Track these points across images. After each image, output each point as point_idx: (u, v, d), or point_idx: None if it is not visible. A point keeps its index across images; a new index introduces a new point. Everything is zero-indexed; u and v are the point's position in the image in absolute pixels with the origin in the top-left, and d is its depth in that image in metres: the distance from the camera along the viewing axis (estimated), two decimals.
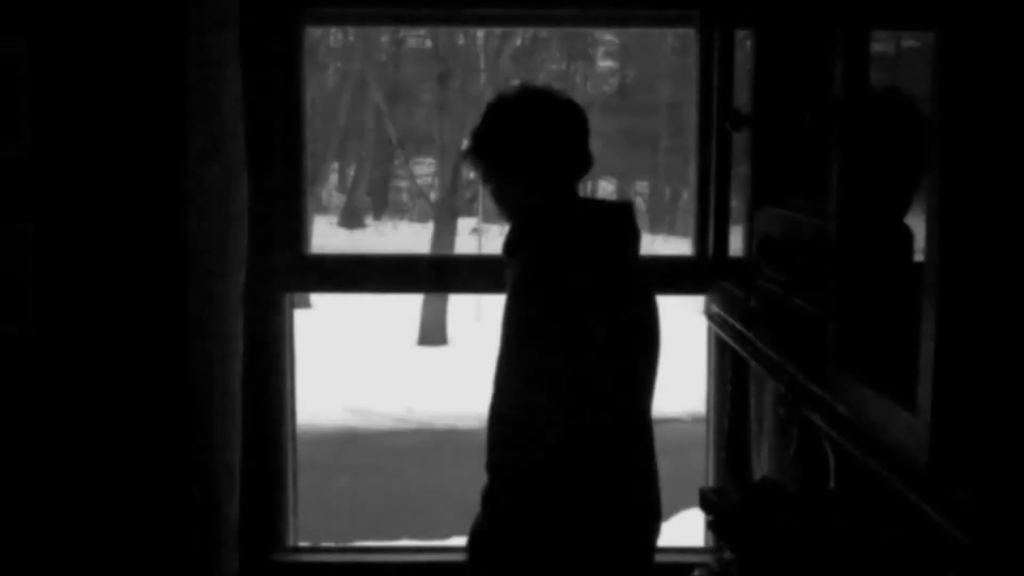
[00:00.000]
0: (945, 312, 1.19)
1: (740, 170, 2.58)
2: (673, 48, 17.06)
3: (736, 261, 2.44)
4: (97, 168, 2.77)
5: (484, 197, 15.79)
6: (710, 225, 2.76)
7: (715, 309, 2.70)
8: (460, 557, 3.09)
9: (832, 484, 2.17)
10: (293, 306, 3.07)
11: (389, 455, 8.50)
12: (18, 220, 2.77)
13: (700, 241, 2.94)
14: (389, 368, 12.72)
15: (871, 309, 1.55)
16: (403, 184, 18.54)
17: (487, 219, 16.20)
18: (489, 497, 2.26)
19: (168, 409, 2.79)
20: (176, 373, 2.75)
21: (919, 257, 1.29)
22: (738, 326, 2.17)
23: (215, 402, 2.75)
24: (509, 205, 2.36)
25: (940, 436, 1.21)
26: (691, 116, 3.03)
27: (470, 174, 15.47)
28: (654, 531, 2.38)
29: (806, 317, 1.77)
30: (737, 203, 2.64)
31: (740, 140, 2.50)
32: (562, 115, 2.31)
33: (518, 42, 16.27)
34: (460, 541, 3.33)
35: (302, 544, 3.12)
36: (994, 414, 1.20)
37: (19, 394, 2.78)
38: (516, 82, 2.49)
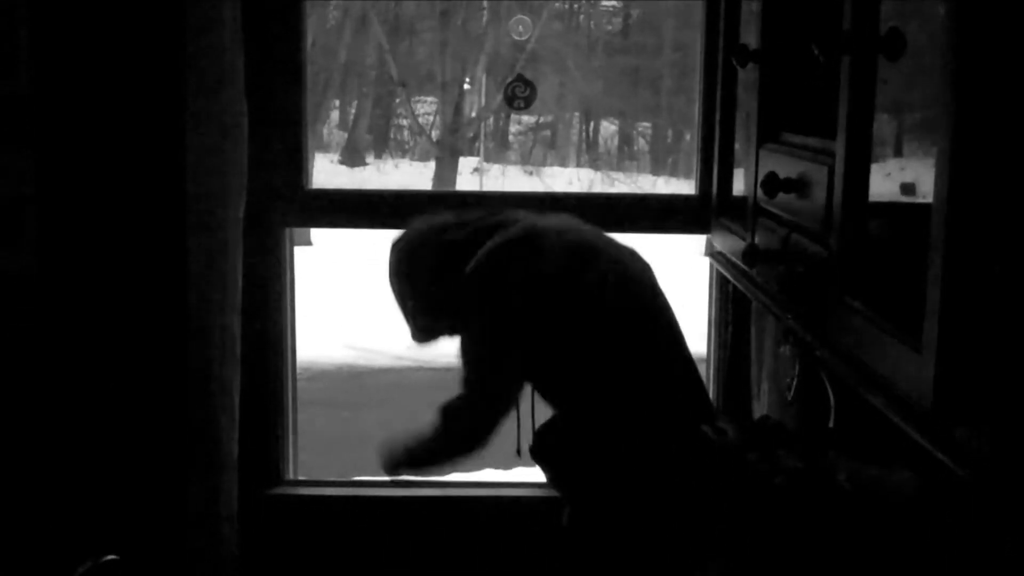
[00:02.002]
0: (952, 251, 1.18)
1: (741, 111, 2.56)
2: None
3: (739, 200, 2.42)
4: (96, 100, 2.75)
5: (486, 136, 15.76)
6: (714, 163, 2.74)
7: (718, 248, 2.69)
8: (457, 492, 3.11)
9: (832, 423, 2.18)
10: (293, 242, 3.06)
11: (389, 392, 8.52)
12: (17, 153, 2.76)
13: (703, 179, 2.93)
14: (389, 306, 12.72)
15: (876, 247, 1.53)
16: (404, 122, 18.45)
17: (488, 158, 16.15)
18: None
19: (167, 343, 2.79)
20: (175, 308, 2.75)
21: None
22: (741, 264, 2.17)
23: (214, 336, 2.75)
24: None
25: (945, 376, 1.21)
26: (695, 57, 3.00)
27: (471, 112, 15.43)
28: None
29: (810, 255, 1.76)
30: (739, 142, 2.62)
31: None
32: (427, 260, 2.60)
33: None
34: (457, 476, 3.35)
35: (301, 478, 3.14)
36: (1000, 354, 1.19)
37: (19, 326, 2.79)
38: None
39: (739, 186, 2.59)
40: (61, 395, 2.82)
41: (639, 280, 2.55)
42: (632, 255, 2.59)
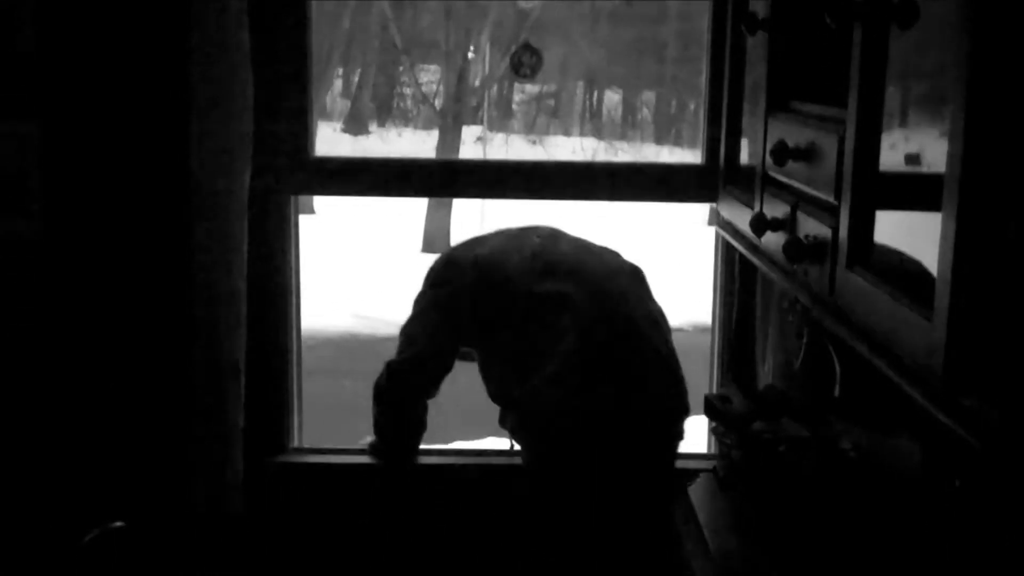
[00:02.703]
0: (964, 217, 1.18)
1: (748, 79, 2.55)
2: None
3: (747, 169, 2.42)
4: (100, 66, 2.74)
5: (489, 105, 15.70)
6: (721, 132, 2.73)
7: (725, 216, 2.68)
8: (460, 459, 3.12)
9: (837, 392, 2.18)
10: (298, 210, 3.06)
11: None
12: (23, 119, 2.75)
13: (711, 148, 2.92)
14: (393, 275, 12.72)
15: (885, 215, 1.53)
16: (408, 91, 18.37)
17: (492, 127, 16.09)
18: None
19: (172, 311, 2.79)
20: (181, 276, 2.75)
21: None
22: (748, 233, 2.16)
23: (220, 305, 2.75)
24: None
25: (956, 343, 1.20)
26: (700, 26, 2.99)
27: (475, 81, 15.36)
28: None
29: (818, 224, 1.75)
30: (745, 111, 2.61)
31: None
32: None
33: None
34: (462, 444, 3.35)
35: (306, 446, 3.14)
36: (1012, 322, 1.19)
37: (25, 290, 2.79)
38: None
39: (744, 155, 2.58)
40: (67, 362, 2.82)
41: (600, 290, 2.74)
42: (610, 265, 2.85)
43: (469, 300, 2.82)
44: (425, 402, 2.95)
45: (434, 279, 2.91)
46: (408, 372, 2.89)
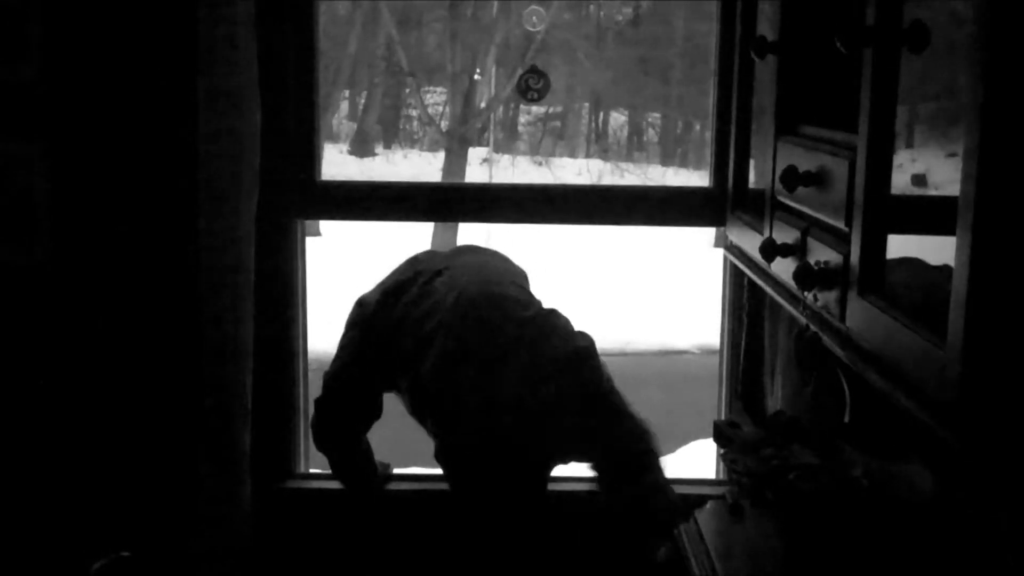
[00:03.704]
0: (979, 243, 1.17)
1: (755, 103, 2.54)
2: None
3: (755, 193, 2.41)
4: (107, 88, 2.74)
5: (495, 126, 15.73)
6: (729, 156, 2.72)
7: (733, 240, 2.67)
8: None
9: (847, 419, 2.16)
10: (305, 234, 3.05)
11: None
12: (28, 142, 2.75)
13: (719, 172, 2.90)
14: None
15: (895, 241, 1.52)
16: (414, 113, 18.41)
17: (498, 149, 16.12)
18: None
19: (179, 336, 2.78)
20: (187, 301, 2.75)
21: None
22: (757, 257, 2.15)
23: (227, 329, 2.74)
24: None
25: (970, 371, 1.19)
26: (705, 47, 2.99)
27: (481, 103, 15.39)
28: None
29: (828, 250, 1.74)
30: (753, 135, 2.60)
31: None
32: None
33: None
34: None
35: (313, 471, 3.13)
36: None
37: (31, 318, 2.78)
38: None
39: (752, 179, 2.57)
40: (72, 390, 2.81)
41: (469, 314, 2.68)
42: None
43: (374, 333, 2.82)
44: (359, 437, 2.94)
45: (347, 323, 2.91)
46: (327, 406, 2.86)
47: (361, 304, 2.89)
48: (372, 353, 2.82)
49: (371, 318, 2.82)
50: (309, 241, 3.10)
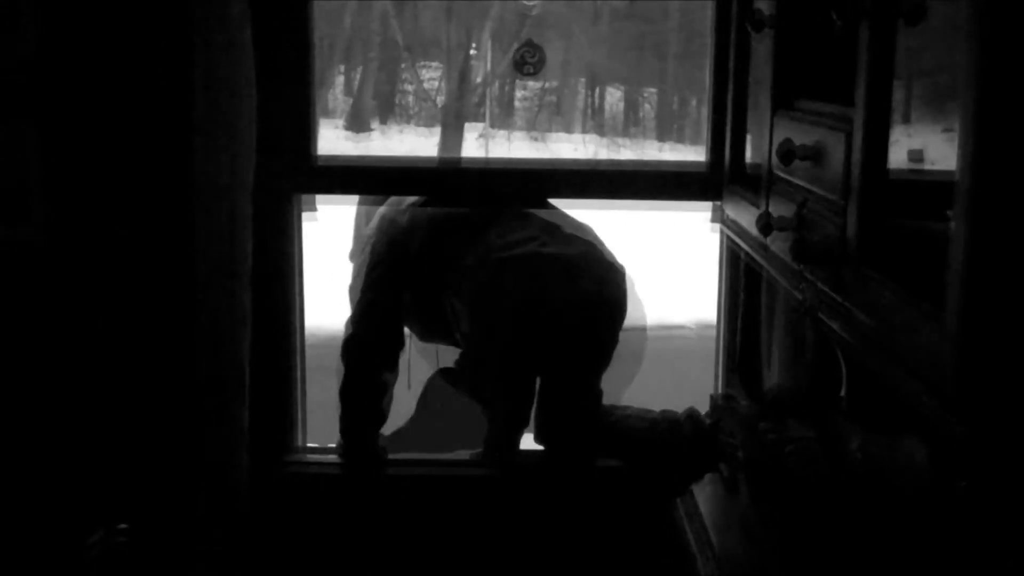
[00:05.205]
0: (976, 218, 1.17)
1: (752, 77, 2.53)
2: None
3: (752, 168, 2.40)
4: (101, 65, 2.73)
5: (491, 102, 15.68)
6: (726, 131, 2.72)
7: (730, 216, 2.67)
8: (463, 470, 3.12)
9: (843, 393, 2.17)
10: (301, 209, 3.05)
11: None
12: (21, 120, 2.74)
13: (715, 147, 2.90)
14: None
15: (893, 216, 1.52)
16: (410, 88, 18.35)
17: (494, 124, 16.08)
18: None
19: (176, 312, 2.78)
20: (184, 278, 2.74)
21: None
22: (754, 232, 2.15)
23: (223, 305, 2.74)
24: None
25: (967, 345, 1.19)
26: (701, 23, 2.97)
27: (477, 78, 15.35)
28: None
29: (825, 224, 1.74)
30: (749, 110, 2.60)
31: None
32: None
33: None
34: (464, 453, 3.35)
35: (311, 445, 3.14)
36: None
37: (27, 295, 2.78)
38: None
39: (748, 154, 2.57)
40: (69, 366, 2.81)
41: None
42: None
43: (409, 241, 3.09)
44: (382, 384, 3.06)
45: (373, 246, 3.14)
46: (360, 341, 3.08)
47: (385, 218, 3.14)
48: (407, 273, 3.07)
49: (409, 219, 3.09)
50: (305, 218, 3.10)
